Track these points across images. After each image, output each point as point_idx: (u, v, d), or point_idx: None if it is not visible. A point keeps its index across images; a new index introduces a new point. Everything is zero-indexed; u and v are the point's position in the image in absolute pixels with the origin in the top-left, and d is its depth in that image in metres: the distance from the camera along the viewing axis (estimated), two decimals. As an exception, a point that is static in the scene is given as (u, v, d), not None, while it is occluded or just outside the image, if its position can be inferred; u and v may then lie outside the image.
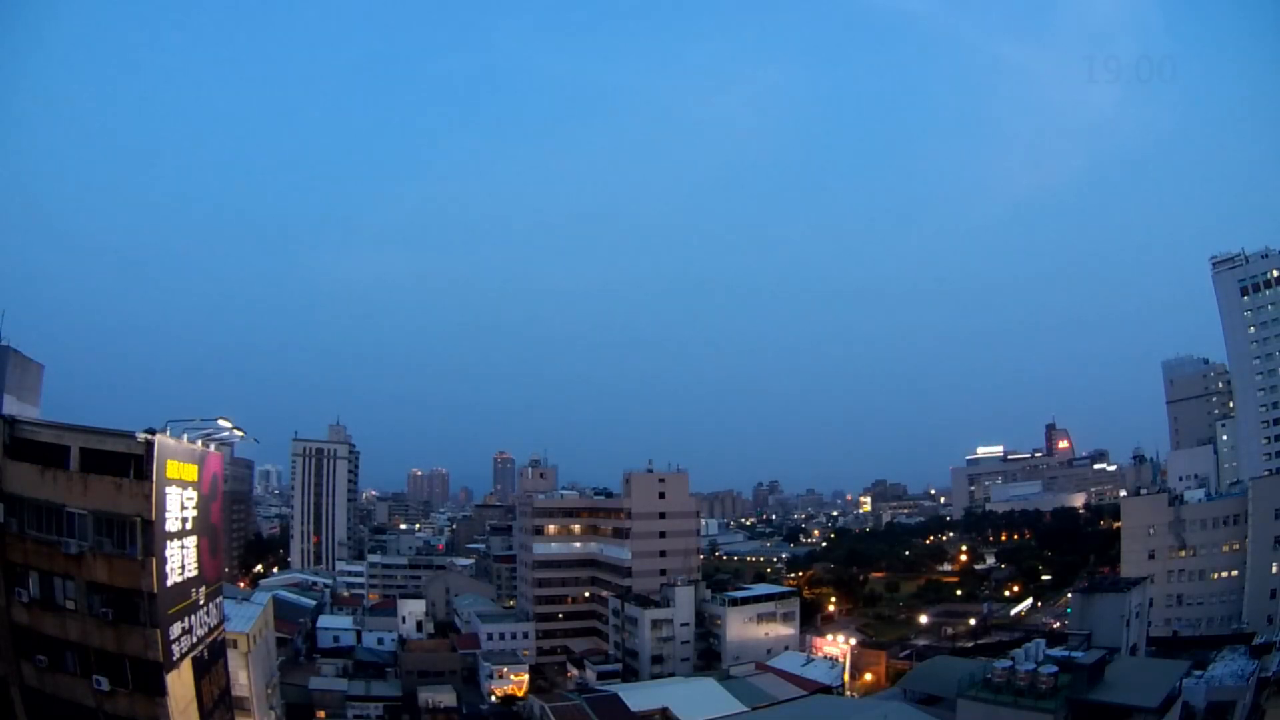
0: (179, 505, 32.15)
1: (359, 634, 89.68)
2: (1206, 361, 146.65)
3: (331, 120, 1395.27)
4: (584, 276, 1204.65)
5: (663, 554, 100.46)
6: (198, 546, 34.22)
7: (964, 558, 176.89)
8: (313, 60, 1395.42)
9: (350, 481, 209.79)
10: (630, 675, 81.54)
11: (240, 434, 39.78)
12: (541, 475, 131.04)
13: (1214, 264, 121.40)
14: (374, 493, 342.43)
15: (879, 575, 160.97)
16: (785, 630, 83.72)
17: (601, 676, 78.89)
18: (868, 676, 75.11)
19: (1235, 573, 77.31)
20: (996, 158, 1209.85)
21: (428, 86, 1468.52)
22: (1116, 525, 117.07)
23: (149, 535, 29.41)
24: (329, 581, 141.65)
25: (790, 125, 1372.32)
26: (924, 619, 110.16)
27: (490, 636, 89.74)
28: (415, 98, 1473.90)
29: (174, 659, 30.57)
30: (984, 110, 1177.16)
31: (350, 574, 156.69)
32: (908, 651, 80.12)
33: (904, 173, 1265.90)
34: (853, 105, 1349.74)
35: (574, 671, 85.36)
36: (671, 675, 76.97)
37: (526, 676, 77.57)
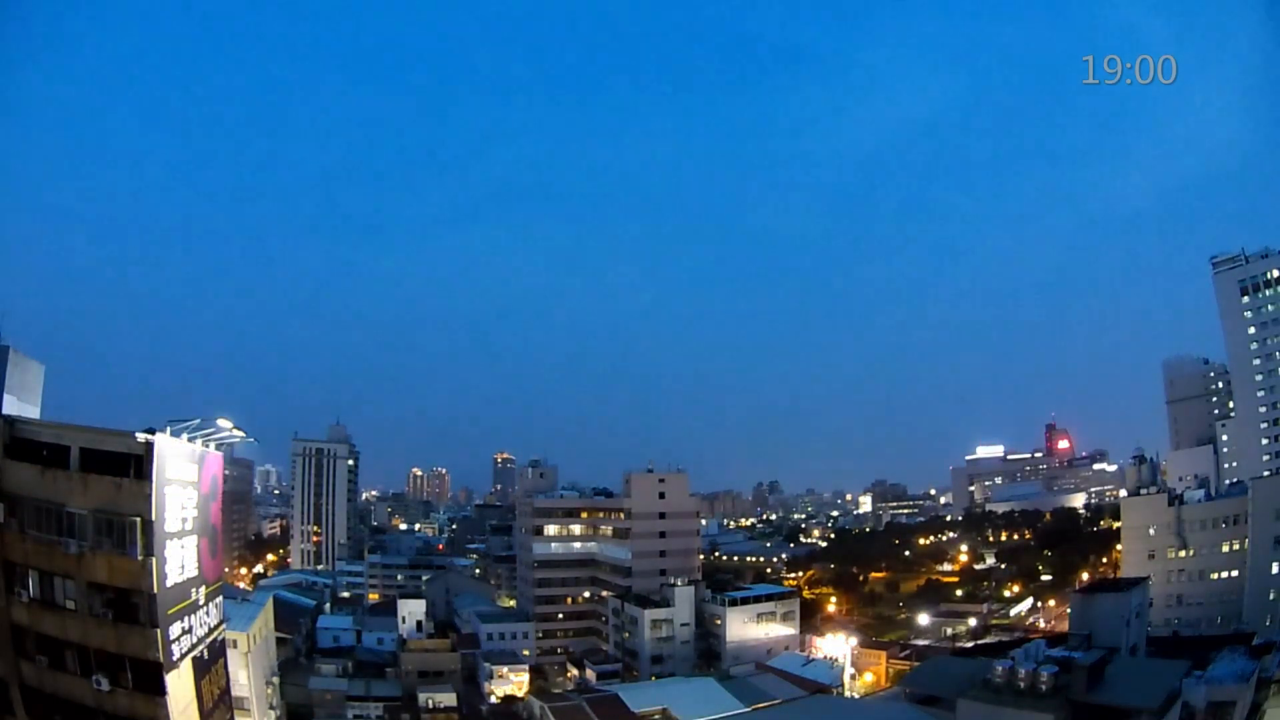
0: (179, 505, 32.19)
1: (359, 634, 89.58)
2: (1206, 361, 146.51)
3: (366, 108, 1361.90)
4: (585, 276, 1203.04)
5: (663, 554, 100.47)
6: (198, 546, 34.26)
7: (964, 558, 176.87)
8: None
9: (350, 481, 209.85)
10: (630, 675, 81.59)
11: (240, 434, 39.82)
12: (541, 475, 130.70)
13: (1214, 264, 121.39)
14: (374, 493, 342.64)
15: (879, 575, 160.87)
16: (785, 630, 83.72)
17: (601, 676, 78.92)
18: (868, 676, 75.16)
19: (1235, 573, 77.24)
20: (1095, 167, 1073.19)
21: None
22: (1116, 525, 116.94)
23: (149, 535, 29.45)
24: (329, 581, 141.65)
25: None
26: (924, 619, 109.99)
27: (490, 636, 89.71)
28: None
29: (174, 659, 30.59)
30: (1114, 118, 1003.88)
31: (350, 574, 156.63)
32: (908, 651, 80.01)
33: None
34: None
35: (574, 671, 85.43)
36: (671, 675, 76.96)
37: (526, 676, 77.53)
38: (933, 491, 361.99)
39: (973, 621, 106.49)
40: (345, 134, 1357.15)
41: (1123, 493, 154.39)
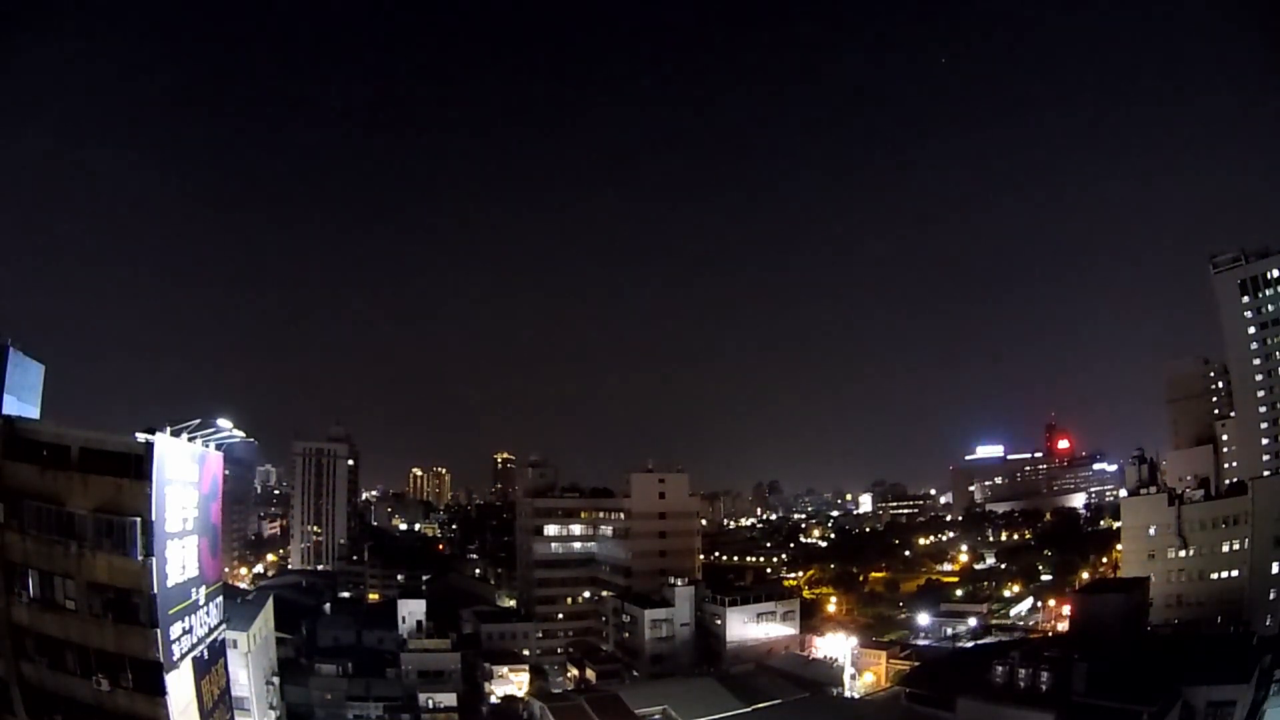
0: (179, 505, 32.20)
1: (359, 634, 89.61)
2: (1206, 361, 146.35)
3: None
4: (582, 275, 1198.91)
5: (663, 554, 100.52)
6: (198, 546, 34.26)
7: (964, 558, 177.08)
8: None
9: (350, 481, 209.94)
10: (630, 675, 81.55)
11: (240, 434, 39.91)
12: (542, 475, 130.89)
13: (1214, 264, 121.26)
14: (374, 493, 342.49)
15: (879, 575, 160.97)
16: (785, 630, 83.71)
17: (601, 676, 78.88)
18: (868, 676, 75.12)
19: (1236, 573, 77.25)
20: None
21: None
22: (1116, 525, 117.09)
23: (149, 535, 29.48)
24: (329, 581, 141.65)
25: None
26: (924, 619, 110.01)
27: (490, 636, 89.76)
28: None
29: (174, 659, 30.62)
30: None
31: (350, 574, 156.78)
32: (908, 651, 80.00)
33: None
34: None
35: (574, 671, 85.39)
36: (671, 675, 76.94)
37: (526, 676, 77.57)
38: (933, 491, 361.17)
39: (973, 621, 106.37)
40: (347, 123, 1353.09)
41: (1123, 493, 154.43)
